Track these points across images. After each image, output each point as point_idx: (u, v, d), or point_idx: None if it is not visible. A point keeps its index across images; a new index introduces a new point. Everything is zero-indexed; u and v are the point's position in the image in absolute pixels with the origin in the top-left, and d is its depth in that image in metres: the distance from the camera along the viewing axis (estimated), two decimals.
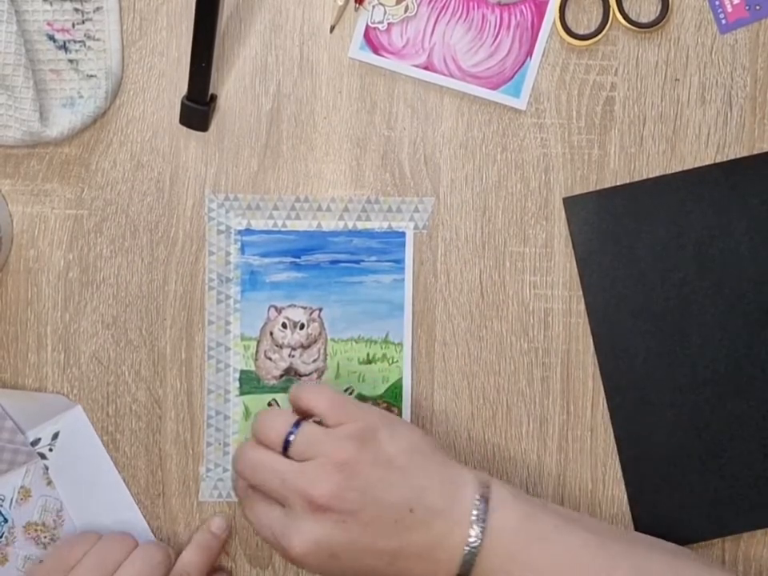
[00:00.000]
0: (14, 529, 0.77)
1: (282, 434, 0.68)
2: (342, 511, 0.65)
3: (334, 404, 0.69)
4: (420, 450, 0.68)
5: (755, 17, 0.76)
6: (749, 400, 0.76)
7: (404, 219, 0.77)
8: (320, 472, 0.66)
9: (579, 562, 0.66)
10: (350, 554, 0.66)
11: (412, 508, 0.66)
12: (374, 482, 0.66)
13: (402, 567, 0.66)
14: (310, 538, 0.65)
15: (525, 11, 0.76)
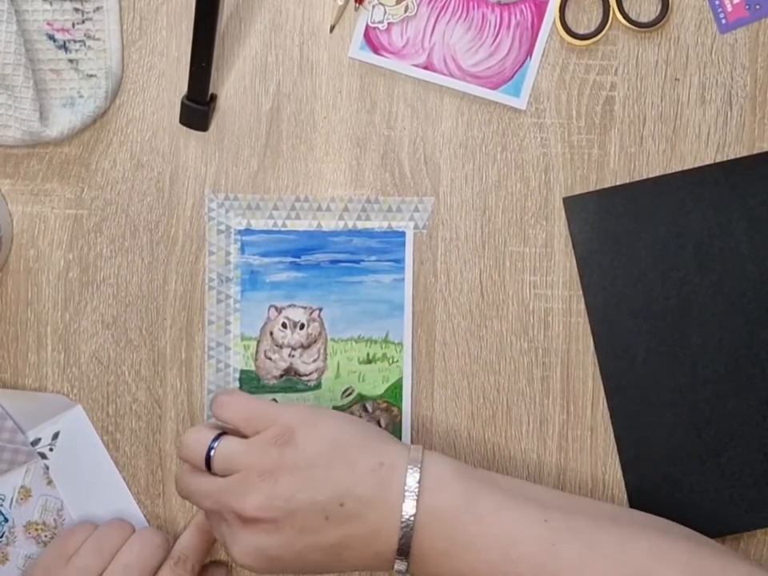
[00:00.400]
0: (15, 528, 0.77)
1: (201, 453, 0.68)
2: (271, 520, 0.65)
3: (247, 413, 0.69)
4: (343, 443, 0.67)
5: (755, 16, 0.76)
6: (749, 400, 0.76)
7: (404, 219, 0.77)
8: (243, 485, 0.66)
9: (517, 540, 0.65)
10: (292, 555, 0.66)
11: (342, 502, 0.65)
12: (299, 485, 0.65)
13: (349, 556, 0.67)
14: (247, 548, 0.66)
15: (525, 11, 0.76)
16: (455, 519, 0.65)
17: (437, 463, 0.67)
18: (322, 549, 0.66)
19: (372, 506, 0.66)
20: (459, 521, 0.65)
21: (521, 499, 0.67)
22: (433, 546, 0.65)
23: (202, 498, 0.68)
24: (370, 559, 0.67)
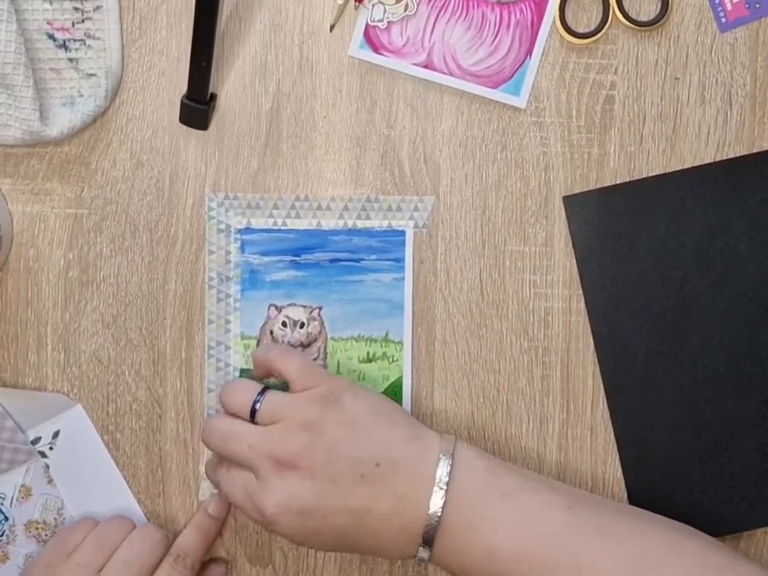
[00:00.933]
0: (15, 527, 0.77)
1: (248, 402, 0.69)
2: (307, 467, 0.66)
3: (303, 370, 0.70)
4: (384, 412, 0.70)
5: (755, 15, 0.76)
6: (749, 399, 0.76)
7: (404, 218, 0.77)
8: (286, 432, 0.67)
9: (541, 519, 0.67)
10: (320, 510, 0.66)
11: (378, 462, 0.67)
12: (339, 438, 0.67)
13: (372, 527, 0.67)
14: (280, 495, 0.66)
15: (525, 10, 0.76)
16: (482, 493, 0.67)
17: (462, 445, 0.70)
18: (349, 510, 0.67)
19: (404, 472, 0.67)
20: (485, 496, 0.67)
21: (545, 485, 0.70)
22: (459, 519, 0.67)
23: (239, 442, 0.68)
24: (394, 534, 0.67)
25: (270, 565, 0.78)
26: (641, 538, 0.67)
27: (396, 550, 0.68)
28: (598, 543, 0.67)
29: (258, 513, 0.68)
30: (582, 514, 0.68)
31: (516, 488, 0.68)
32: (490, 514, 0.67)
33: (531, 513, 0.67)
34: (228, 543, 0.78)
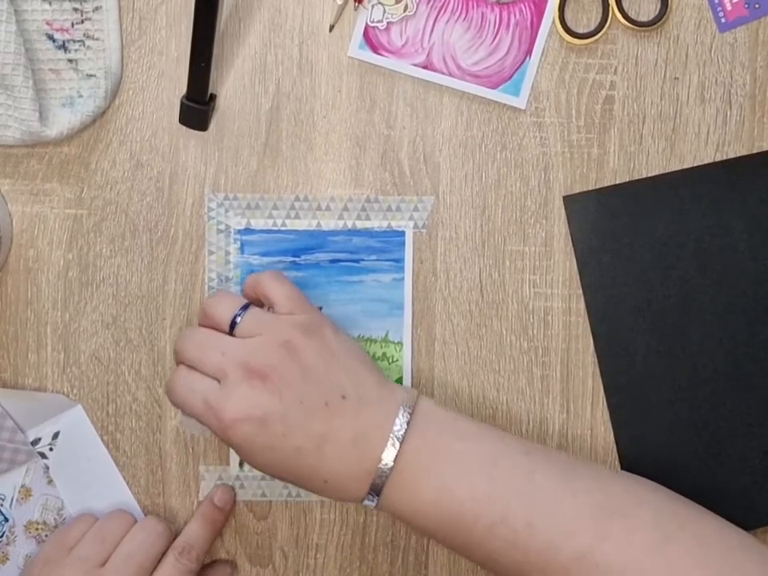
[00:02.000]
0: (15, 528, 0.77)
1: (229, 315, 0.69)
2: (277, 382, 0.66)
3: (290, 295, 0.71)
4: (361, 354, 0.71)
5: (754, 15, 0.76)
6: (748, 398, 0.76)
7: (403, 218, 0.77)
8: (263, 346, 0.67)
9: (499, 462, 0.67)
10: (280, 427, 0.66)
11: (345, 395, 0.67)
12: (314, 363, 0.68)
13: (327, 456, 0.67)
14: (244, 403, 0.66)
15: (524, 10, 0.76)
16: (441, 437, 0.68)
17: (426, 400, 0.70)
18: (308, 434, 0.67)
19: (367, 412, 0.68)
20: (444, 439, 0.68)
21: (506, 434, 0.71)
22: (417, 459, 0.67)
23: (214, 348, 0.68)
24: (347, 468, 0.67)
25: (270, 565, 0.78)
26: (601, 486, 0.67)
27: (345, 487, 0.68)
28: (558, 488, 0.67)
29: (215, 417, 0.67)
30: (540, 459, 0.68)
31: (474, 433, 0.69)
32: (445, 457, 0.67)
33: (488, 456, 0.68)
34: (228, 543, 0.78)
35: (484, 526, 0.66)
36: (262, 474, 0.77)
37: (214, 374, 0.68)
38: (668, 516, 0.67)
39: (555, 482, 0.67)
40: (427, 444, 0.68)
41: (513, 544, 0.66)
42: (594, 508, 0.66)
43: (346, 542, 0.78)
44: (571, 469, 0.68)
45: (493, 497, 0.66)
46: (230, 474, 0.77)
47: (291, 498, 0.78)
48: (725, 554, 0.66)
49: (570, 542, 0.65)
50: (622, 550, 0.65)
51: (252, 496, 0.78)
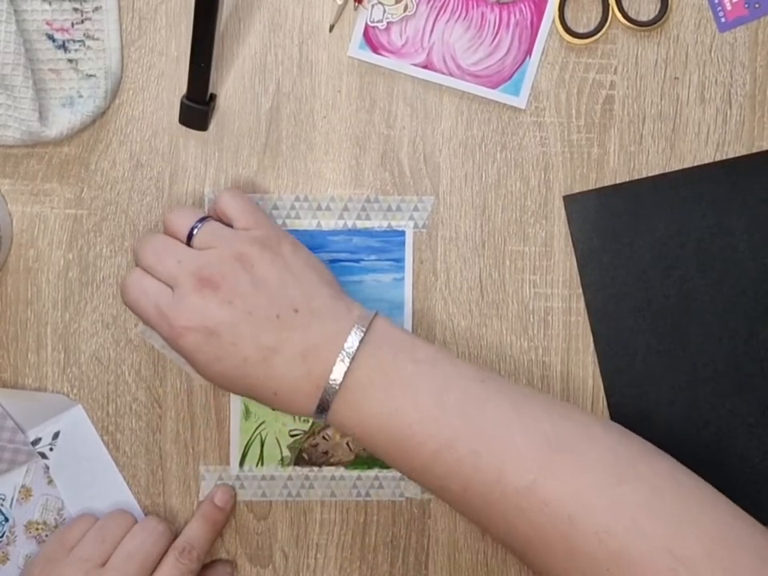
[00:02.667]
0: (15, 528, 0.77)
1: (187, 225, 0.70)
2: (229, 293, 0.67)
3: (247, 210, 0.71)
4: (318, 271, 0.70)
5: (754, 15, 0.76)
6: (748, 398, 0.76)
7: (404, 218, 0.77)
8: (218, 257, 0.68)
9: (452, 387, 0.67)
10: (230, 337, 0.66)
11: (297, 309, 0.67)
12: (268, 276, 0.68)
13: (275, 369, 0.67)
14: (194, 311, 0.67)
15: (524, 10, 0.76)
16: (394, 357, 0.67)
17: (382, 320, 0.70)
18: (258, 344, 0.67)
19: (319, 326, 0.67)
20: (397, 359, 0.67)
21: (462, 361, 0.70)
22: (368, 377, 0.67)
23: (170, 256, 0.68)
24: (298, 379, 0.67)
25: (270, 565, 0.78)
26: (554, 421, 0.66)
27: (293, 402, 0.68)
28: (509, 420, 0.66)
29: (166, 324, 0.67)
30: (495, 389, 0.68)
31: (429, 356, 0.68)
32: (396, 378, 0.67)
33: (441, 379, 0.67)
34: (228, 543, 0.78)
35: (429, 451, 0.66)
36: (262, 474, 0.77)
37: (168, 281, 0.68)
38: (620, 457, 0.65)
39: (507, 412, 0.66)
40: (379, 363, 0.67)
41: (457, 471, 0.66)
42: (544, 443, 0.65)
43: (346, 542, 0.78)
44: (526, 401, 0.67)
45: (440, 422, 0.66)
46: (230, 473, 0.78)
47: (291, 498, 0.78)
48: (676, 500, 0.64)
49: (514, 474, 0.64)
50: (567, 487, 0.64)
51: (252, 496, 0.78)
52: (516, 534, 0.66)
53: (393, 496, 0.78)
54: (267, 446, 0.78)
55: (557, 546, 0.64)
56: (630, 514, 0.63)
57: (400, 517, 0.78)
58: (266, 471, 0.78)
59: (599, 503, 0.64)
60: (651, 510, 0.63)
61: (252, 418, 0.77)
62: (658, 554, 0.62)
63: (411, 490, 0.78)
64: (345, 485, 0.78)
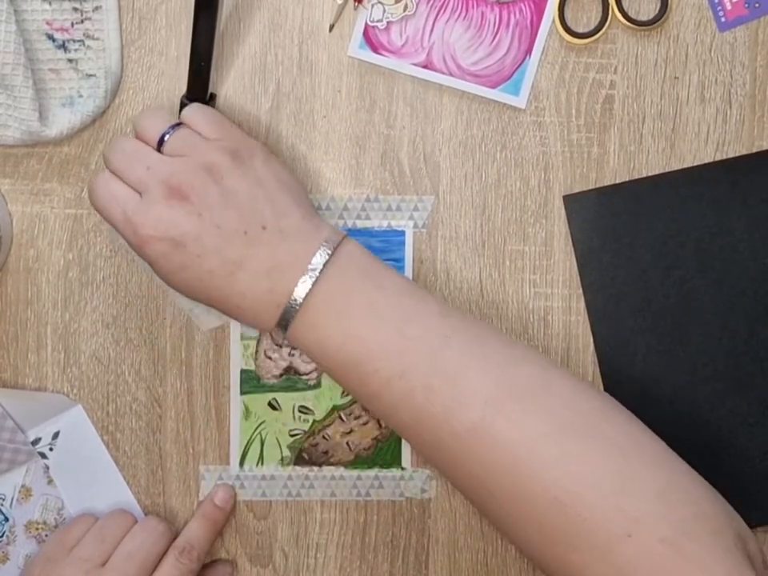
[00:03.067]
0: (15, 528, 0.77)
1: (158, 130, 0.69)
2: (197, 204, 0.66)
3: (217, 121, 0.70)
4: (290, 187, 0.69)
5: (754, 14, 0.76)
6: (748, 398, 0.76)
7: (403, 218, 0.77)
8: (188, 166, 0.67)
9: (412, 319, 0.66)
10: (195, 249, 0.66)
11: (265, 226, 0.67)
12: (238, 190, 0.67)
13: (239, 284, 0.67)
14: (160, 220, 0.66)
15: (524, 9, 0.76)
16: (358, 282, 0.67)
17: (351, 243, 0.69)
18: (223, 260, 0.66)
19: (286, 245, 0.67)
20: (362, 285, 0.67)
21: (429, 295, 0.69)
22: (329, 299, 0.67)
23: (140, 162, 0.68)
24: (261, 296, 0.67)
25: (270, 565, 0.78)
26: (512, 364, 0.66)
27: (256, 317, 0.68)
28: (466, 358, 0.66)
29: (132, 230, 0.67)
30: (457, 326, 0.67)
31: (394, 285, 0.68)
32: (358, 303, 0.67)
33: (403, 310, 0.67)
34: (228, 543, 0.78)
35: (382, 378, 0.66)
36: (262, 474, 0.77)
37: (137, 187, 0.67)
38: (577, 408, 0.65)
39: (465, 350, 0.66)
40: (342, 286, 0.67)
41: (409, 402, 0.65)
42: (499, 383, 0.65)
43: (346, 542, 0.78)
44: (487, 342, 0.67)
45: (397, 351, 0.66)
46: (230, 473, 0.78)
47: (291, 498, 0.78)
48: (632, 460, 0.64)
49: (465, 412, 0.64)
50: (515, 428, 0.63)
51: (252, 496, 0.78)
52: (462, 472, 0.66)
53: (393, 496, 0.78)
54: (267, 446, 0.78)
55: (501, 487, 0.64)
56: (580, 467, 0.63)
57: (400, 517, 0.78)
58: (266, 471, 0.78)
59: (548, 452, 0.63)
60: (604, 465, 0.63)
61: (252, 417, 0.77)
62: (607, 510, 0.62)
63: (411, 489, 0.78)
64: (345, 485, 0.78)
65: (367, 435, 0.78)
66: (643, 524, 0.61)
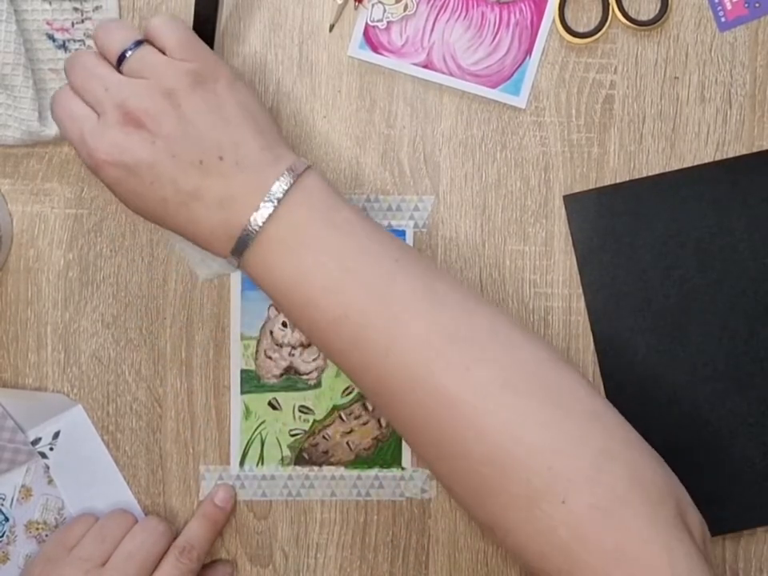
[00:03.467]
0: (15, 527, 0.77)
1: (119, 47, 0.67)
2: (153, 131, 0.65)
3: (184, 39, 0.68)
4: (254, 114, 0.67)
5: (754, 14, 0.76)
6: (748, 397, 0.76)
7: (404, 218, 0.77)
8: (146, 90, 0.65)
9: (363, 260, 0.65)
10: (149, 176, 0.65)
11: (222, 156, 0.65)
12: (195, 118, 0.65)
13: (194, 213, 0.65)
14: (115, 147, 0.65)
15: (524, 9, 0.76)
16: (312, 218, 0.65)
17: (316, 173, 0.67)
18: (177, 189, 0.65)
19: (243, 177, 0.65)
20: (315, 220, 0.65)
21: (386, 235, 0.67)
22: (281, 234, 0.65)
23: (98, 82, 0.66)
24: (212, 228, 0.66)
25: (270, 564, 0.78)
26: (462, 314, 0.65)
27: (210, 244, 0.67)
28: (414, 301, 0.64)
29: (86, 153, 0.66)
30: (409, 269, 0.65)
31: (350, 222, 0.66)
32: (309, 240, 0.65)
33: (354, 250, 0.65)
34: (228, 543, 0.78)
35: (329, 320, 0.65)
36: (262, 474, 0.78)
37: (94, 107, 0.66)
38: (518, 359, 0.64)
39: (412, 295, 0.65)
40: (295, 221, 0.65)
41: (354, 344, 0.64)
42: (443, 330, 0.64)
43: (347, 542, 0.78)
44: (436, 288, 0.65)
45: (343, 292, 0.64)
46: (230, 473, 0.78)
47: (291, 498, 0.78)
48: (566, 418, 0.62)
49: (405, 357, 0.63)
50: (457, 381, 0.62)
51: (252, 496, 0.78)
52: (404, 417, 0.65)
53: (393, 496, 0.78)
54: (267, 446, 0.78)
55: (440, 435, 0.63)
56: (515, 423, 0.62)
57: (400, 517, 0.78)
58: (266, 471, 0.78)
59: (485, 404, 0.62)
60: (541, 423, 0.62)
61: (252, 417, 0.77)
62: (538, 470, 0.60)
63: (411, 489, 0.78)
64: (345, 484, 0.78)
65: (367, 435, 0.78)
66: (575, 487, 0.60)
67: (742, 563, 0.77)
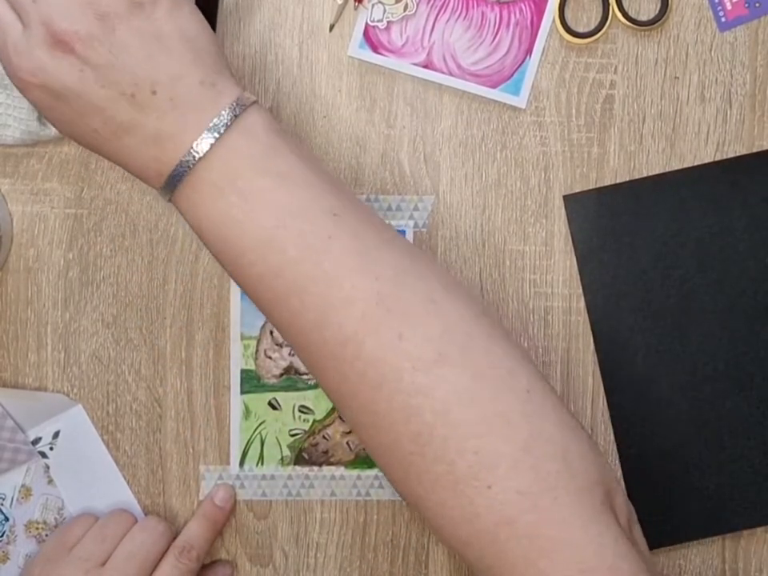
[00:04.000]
0: (15, 527, 0.77)
1: None
2: (82, 59, 0.60)
3: None
4: (196, 44, 0.62)
5: (755, 14, 0.76)
6: (749, 397, 0.76)
7: (404, 218, 0.77)
8: (77, 10, 0.60)
9: (299, 215, 0.61)
10: (77, 106, 0.61)
11: (155, 90, 0.61)
12: (130, 47, 0.60)
13: (125, 146, 0.62)
14: (41, 70, 0.60)
15: (524, 9, 0.76)
16: (248, 164, 0.61)
17: (259, 111, 0.63)
18: (107, 121, 0.61)
19: (178, 113, 0.61)
20: (251, 168, 0.61)
21: (327, 185, 0.63)
22: (212, 178, 0.61)
23: None
24: (145, 162, 0.62)
25: (270, 564, 0.78)
26: (401, 282, 0.61)
27: (143, 179, 0.64)
28: (349, 263, 0.61)
29: (11, 70, 0.62)
30: (348, 227, 0.62)
31: (289, 172, 0.62)
32: (244, 185, 0.61)
33: (290, 203, 0.61)
34: (228, 543, 0.78)
35: (257, 275, 0.62)
36: (262, 474, 0.78)
37: (20, 15, 0.61)
38: (455, 333, 0.61)
39: (347, 256, 0.61)
40: (228, 166, 0.61)
41: (284, 302, 0.61)
42: (380, 298, 0.60)
43: (346, 542, 0.78)
44: (377, 251, 0.62)
45: (273, 247, 0.61)
46: (230, 473, 0.78)
47: (291, 498, 0.78)
48: (496, 399, 0.59)
49: (337, 323, 0.60)
50: (384, 349, 0.59)
51: (252, 495, 0.78)
52: (332, 384, 0.62)
53: (393, 495, 0.78)
54: (267, 446, 0.78)
55: (359, 401, 0.61)
56: (444, 400, 0.59)
57: (400, 516, 0.78)
58: (266, 471, 0.78)
59: (415, 380, 0.59)
60: (471, 404, 0.59)
61: (252, 417, 0.77)
62: (463, 452, 0.58)
63: None
64: (345, 484, 0.78)
65: None
66: (501, 472, 0.58)
67: (742, 563, 0.77)
